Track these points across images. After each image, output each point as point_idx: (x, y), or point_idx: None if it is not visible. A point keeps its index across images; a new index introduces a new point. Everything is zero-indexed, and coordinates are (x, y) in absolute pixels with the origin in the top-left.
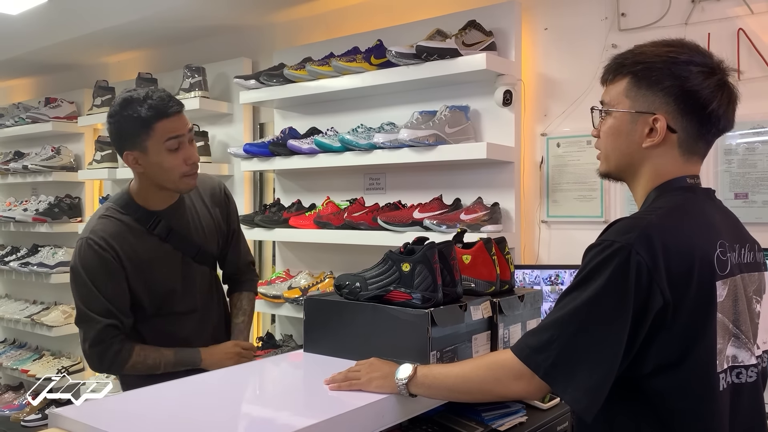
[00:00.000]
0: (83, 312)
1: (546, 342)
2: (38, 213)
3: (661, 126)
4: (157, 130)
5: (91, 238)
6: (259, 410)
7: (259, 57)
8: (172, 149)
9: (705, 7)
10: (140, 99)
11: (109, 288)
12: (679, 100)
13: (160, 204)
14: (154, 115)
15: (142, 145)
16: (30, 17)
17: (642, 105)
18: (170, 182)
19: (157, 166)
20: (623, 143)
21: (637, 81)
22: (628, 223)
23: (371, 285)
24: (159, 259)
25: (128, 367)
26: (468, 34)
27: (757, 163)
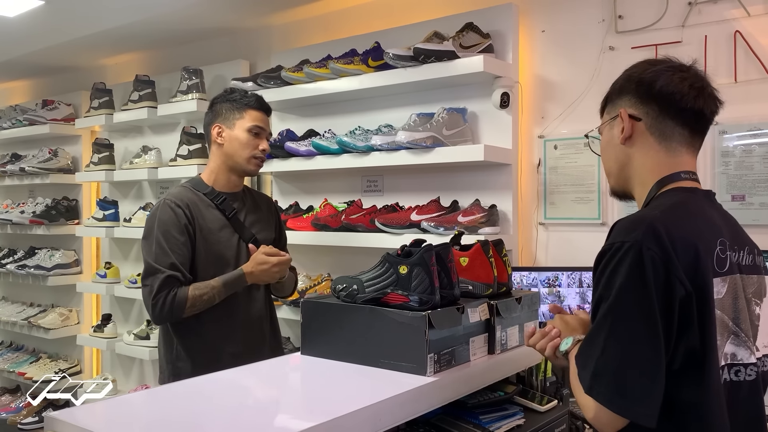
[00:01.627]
0: (150, 266)
1: (586, 358)
2: (35, 215)
3: (624, 116)
4: (248, 114)
5: (168, 199)
6: (257, 413)
7: (256, 59)
8: (253, 133)
9: (702, 9)
10: (243, 92)
11: (177, 243)
12: (633, 91)
13: (225, 187)
14: (249, 104)
15: (231, 122)
16: (27, 19)
17: (613, 112)
18: (240, 158)
19: (236, 140)
20: (611, 152)
21: (610, 98)
22: (631, 221)
23: (368, 287)
24: (220, 231)
25: (188, 307)
26: (465, 37)
27: (754, 165)
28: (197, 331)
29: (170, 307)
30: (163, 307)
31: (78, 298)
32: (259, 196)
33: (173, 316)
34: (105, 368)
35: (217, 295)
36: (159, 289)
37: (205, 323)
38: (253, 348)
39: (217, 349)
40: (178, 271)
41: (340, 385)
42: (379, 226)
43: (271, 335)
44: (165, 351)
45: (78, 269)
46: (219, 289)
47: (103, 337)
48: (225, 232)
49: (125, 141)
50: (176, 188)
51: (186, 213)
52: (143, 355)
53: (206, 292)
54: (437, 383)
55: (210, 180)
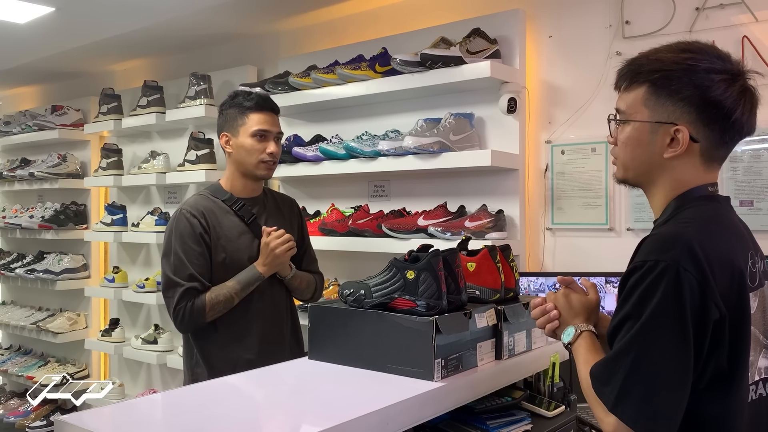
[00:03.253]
0: (169, 279)
1: (609, 375)
2: (44, 220)
3: (683, 137)
4: (250, 119)
5: (184, 208)
6: (264, 418)
7: (264, 65)
8: (257, 137)
9: (709, 14)
10: (246, 94)
11: (194, 254)
12: (701, 110)
13: (243, 192)
14: (251, 107)
15: (236, 129)
16: (37, 26)
17: (662, 115)
18: (249, 164)
19: (242, 147)
20: (643, 153)
21: (656, 90)
22: (666, 239)
23: (376, 292)
24: (239, 238)
25: (208, 311)
26: (472, 42)
27: (762, 171)
28: (213, 338)
29: (191, 316)
30: (183, 317)
31: (86, 303)
32: (282, 199)
33: (196, 324)
34: (112, 372)
35: (235, 294)
36: (179, 301)
37: (220, 329)
38: (271, 354)
39: (234, 356)
40: (196, 281)
41: (348, 390)
42: (386, 231)
43: (292, 341)
44: (186, 357)
45: (86, 274)
46: (235, 288)
47: (110, 342)
48: (244, 239)
49: (133, 146)
50: (193, 196)
51: (201, 222)
52: (151, 359)
53: (222, 293)
54: (444, 388)
55: (228, 186)
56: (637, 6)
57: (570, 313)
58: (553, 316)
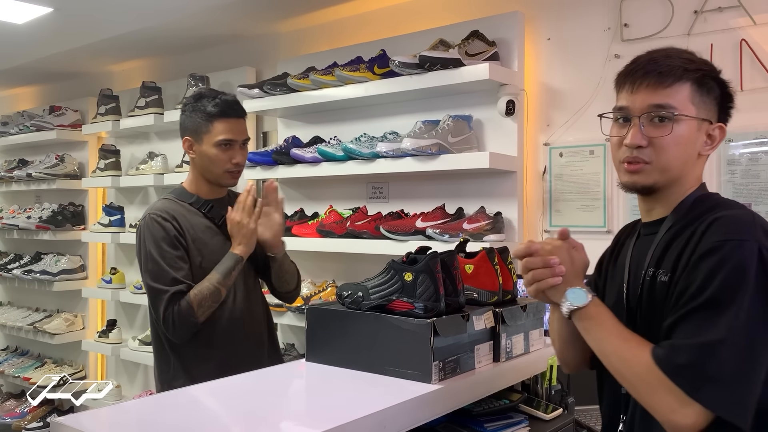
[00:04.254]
0: (152, 288)
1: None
2: (42, 220)
3: (721, 135)
4: (215, 127)
5: (154, 213)
6: (261, 420)
7: (263, 66)
8: (222, 146)
9: (708, 17)
10: (213, 95)
11: (173, 257)
12: (723, 109)
13: (210, 194)
14: (214, 114)
15: (199, 136)
16: (35, 26)
17: (704, 112)
18: (213, 174)
19: (206, 156)
20: (689, 151)
21: (699, 87)
22: (740, 220)
23: (373, 294)
24: (214, 241)
25: (197, 309)
26: (471, 44)
27: (760, 174)
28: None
29: (180, 320)
30: (174, 322)
31: (83, 304)
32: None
33: (189, 326)
34: (110, 374)
35: (218, 284)
36: (166, 308)
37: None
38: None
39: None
40: (180, 284)
41: (345, 392)
42: (384, 232)
43: (270, 347)
44: (161, 372)
45: (83, 275)
46: (217, 278)
47: (108, 343)
48: (218, 240)
49: (131, 147)
50: (159, 201)
51: (174, 225)
52: (148, 360)
53: (205, 286)
54: (442, 391)
55: (193, 188)
56: (635, 9)
57: (573, 271)
58: (559, 270)
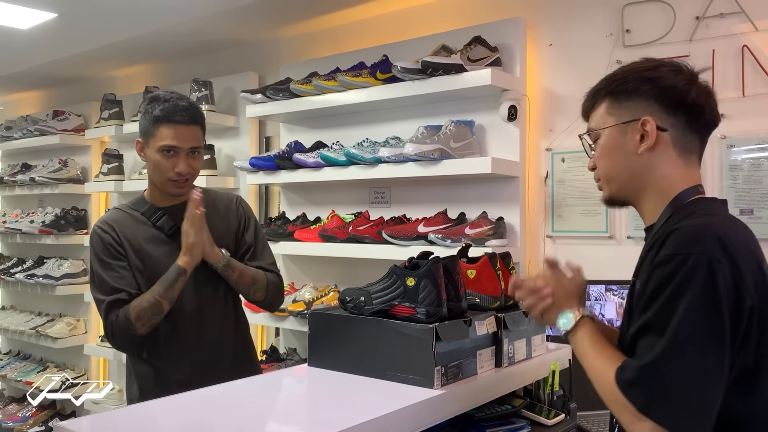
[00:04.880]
0: (95, 298)
1: (641, 375)
2: (44, 225)
3: (651, 127)
4: (159, 132)
5: (97, 224)
6: (263, 425)
7: (265, 71)
8: (165, 153)
9: (709, 23)
10: (160, 100)
11: (111, 267)
12: (660, 99)
13: (164, 201)
14: (160, 117)
15: (147, 139)
16: (39, 32)
17: (626, 115)
18: (159, 181)
19: (152, 162)
20: (619, 158)
21: (615, 96)
22: (693, 231)
23: (376, 299)
24: (159, 251)
25: (135, 320)
26: (473, 50)
27: (762, 179)
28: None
29: (119, 330)
30: (113, 332)
31: (86, 308)
32: (220, 197)
33: (127, 337)
34: (111, 378)
35: (159, 296)
36: (106, 317)
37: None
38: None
39: (163, 376)
40: (119, 292)
41: (347, 397)
42: (387, 237)
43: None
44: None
45: (86, 279)
46: (158, 290)
47: (110, 347)
48: (164, 250)
49: (134, 152)
50: (109, 211)
51: (112, 235)
52: None
53: (146, 298)
54: (444, 396)
55: (149, 196)
56: (637, 15)
57: (562, 293)
58: (547, 293)
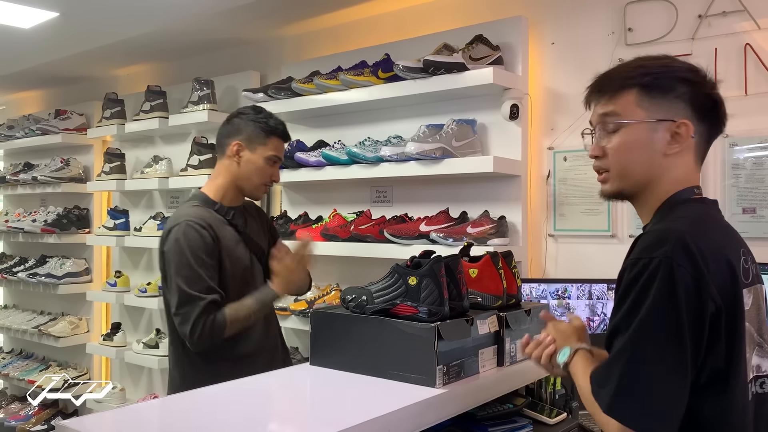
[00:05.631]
0: (185, 294)
1: (606, 376)
2: (47, 224)
3: (687, 131)
4: (272, 142)
5: (190, 220)
6: (265, 424)
7: (267, 70)
8: (270, 162)
9: (712, 22)
10: (270, 114)
11: (209, 266)
12: (694, 104)
13: (233, 202)
14: (276, 132)
15: (253, 145)
16: (41, 31)
17: (659, 113)
18: (251, 183)
19: (253, 165)
20: (643, 155)
21: (648, 90)
22: (658, 235)
23: (377, 298)
24: (236, 247)
25: (228, 327)
26: (475, 49)
27: (765, 178)
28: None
29: (211, 332)
30: (203, 332)
31: (88, 307)
32: (249, 205)
33: (214, 339)
34: (114, 377)
35: (253, 313)
36: (200, 315)
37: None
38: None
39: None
40: (215, 293)
41: (349, 396)
42: (388, 236)
43: (283, 353)
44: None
45: (88, 278)
46: (253, 307)
47: (112, 346)
48: (240, 248)
49: (136, 151)
50: (191, 208)
51: (211, 234)
52: (152, 364)
53: (242, 311)
54: (446, 395)
55: (218, 196)
56: (639, 13)
57: (562, 336)
58: (549, 341)
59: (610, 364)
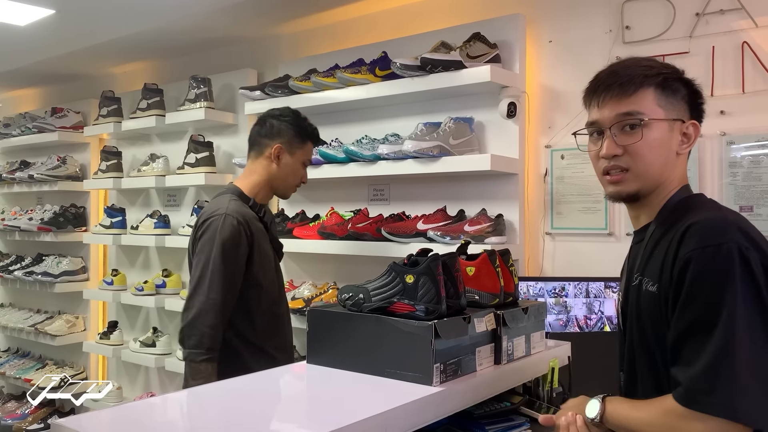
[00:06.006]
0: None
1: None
2: (43, 222)
3: (695, 132)
4: (308, 146)
5: (230, 215)
6: (262, 423)
7: (264, 68)
8: (304, 165)
9: (709, 20)
10: (305, 118)
11: (228, 264)
12: (693, 106)
13: (263, 200)
14: (312, 136)
15: (293, 148)
16: (37, 28)
17: (673, 113)
18: (286, 184)
19: (290, 168)
20: (663, 153)
21: (663, 90)
22: (715, 223)
23: (375, 296)
24: (265, 243)
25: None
26: (472, 47)
27: (762, 176)
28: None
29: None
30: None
31: (84, 305)
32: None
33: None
34: (111, 375)
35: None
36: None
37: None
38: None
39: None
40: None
41: (346, 394)
42: (386, 235)
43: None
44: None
45: (85, 276)
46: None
47: (109, 345)
48: (266, 244)
49: (133, 149)
50: (231, 201)
51: (245, 230)
52: (149, 362)
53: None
54: (443, 393)
55: (253, 192)
56: (637, 11)
57: (574, 404)
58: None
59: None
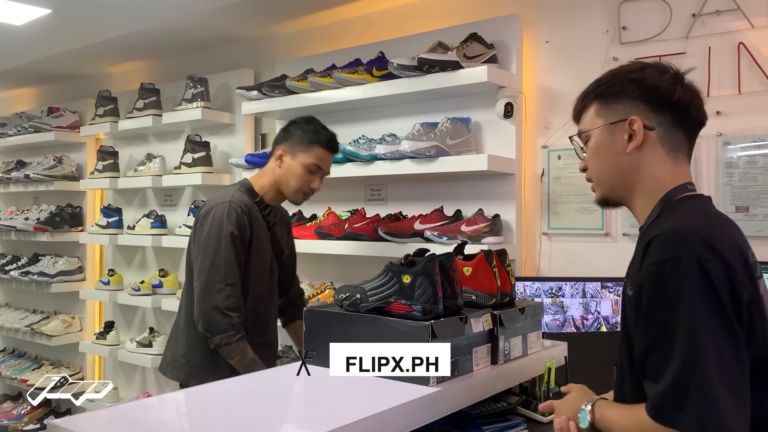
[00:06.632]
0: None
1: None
2: (39, 222)
3: (638, 126)
4: (313, 151)
5: (234, 202)
6: (258, 423)
7: (261, 68)
8: (309, 170)
9: (705, 21)
10: (322, 125)
11: (237, 251)
12: (645, 99)
13: (272, 201)
14: (318, 141)
15: (295, 151)
16: (34, 28)
17: (614, 116)
18: (288, 188)
19: (292, 171)
20: (609, 158)
21: (603, 99)
22: (676, 235)
23: (371, 296)
24: (264, 241)
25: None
26: (469, 47)
27: (758, 177)
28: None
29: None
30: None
31: (81, 305)
32: (281, 210)
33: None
34: (107, 376)
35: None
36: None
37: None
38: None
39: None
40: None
41: (342, 394)
42: (383, 235)
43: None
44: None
45: (81, 276)
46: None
47: (105, 345)
48: (266, 243)
49: (130, 149)
50: (236, 192)
51: (247, 219)
52: (145, 362)
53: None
54: (440, 393)
55: (262, 191)
56: (633, 12)
57: (569, 408)
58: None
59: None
